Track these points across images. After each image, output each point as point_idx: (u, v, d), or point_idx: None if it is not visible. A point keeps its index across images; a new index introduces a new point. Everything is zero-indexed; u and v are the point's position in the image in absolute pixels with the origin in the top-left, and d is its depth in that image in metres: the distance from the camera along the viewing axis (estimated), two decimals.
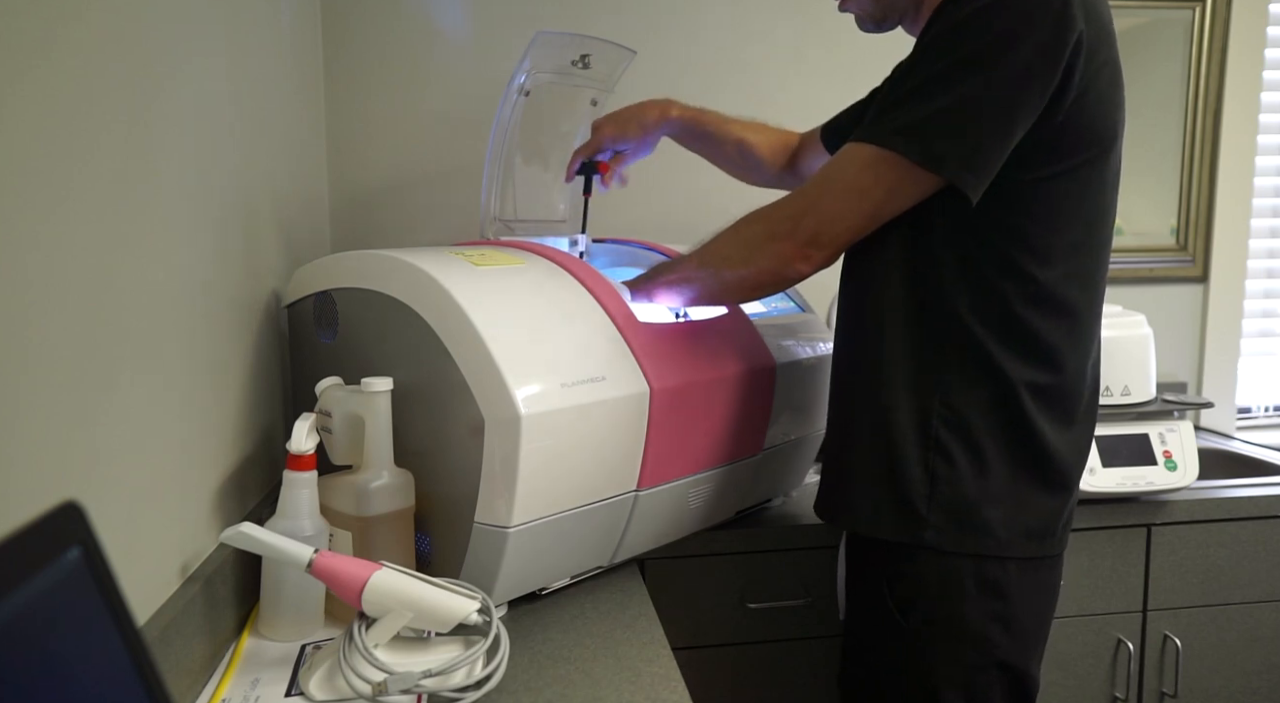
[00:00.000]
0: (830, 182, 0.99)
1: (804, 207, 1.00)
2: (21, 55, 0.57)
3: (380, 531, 0.94)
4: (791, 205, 1.02)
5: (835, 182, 0.99)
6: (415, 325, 0.95)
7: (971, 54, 0.91)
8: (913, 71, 0.96)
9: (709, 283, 1.08)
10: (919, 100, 0.93)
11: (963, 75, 0.91)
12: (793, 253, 1.00)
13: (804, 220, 0.99)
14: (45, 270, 0.60)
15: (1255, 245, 2.10)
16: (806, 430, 1.33)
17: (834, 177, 0.99)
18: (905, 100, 0.94)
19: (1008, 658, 1.01)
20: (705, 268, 1.07)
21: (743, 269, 1.05)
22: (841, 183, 0.98)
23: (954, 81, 0.91)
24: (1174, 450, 1.52)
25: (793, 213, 1.01)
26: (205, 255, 0.92)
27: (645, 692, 0.85)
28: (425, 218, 1.76)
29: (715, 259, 1.07)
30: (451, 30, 1.74)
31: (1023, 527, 1.00)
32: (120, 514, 0.72)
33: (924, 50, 0.96)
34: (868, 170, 0.96)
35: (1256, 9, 2.00)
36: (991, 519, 0.99)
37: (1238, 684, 1.57)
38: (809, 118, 1.42)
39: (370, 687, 0.78)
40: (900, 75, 1.01)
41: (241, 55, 1.09)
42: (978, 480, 0.99)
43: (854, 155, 0.97)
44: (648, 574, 1.30)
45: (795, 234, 0.99)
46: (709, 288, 1.09)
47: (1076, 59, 0.91)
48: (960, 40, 0.92)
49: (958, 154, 0.91)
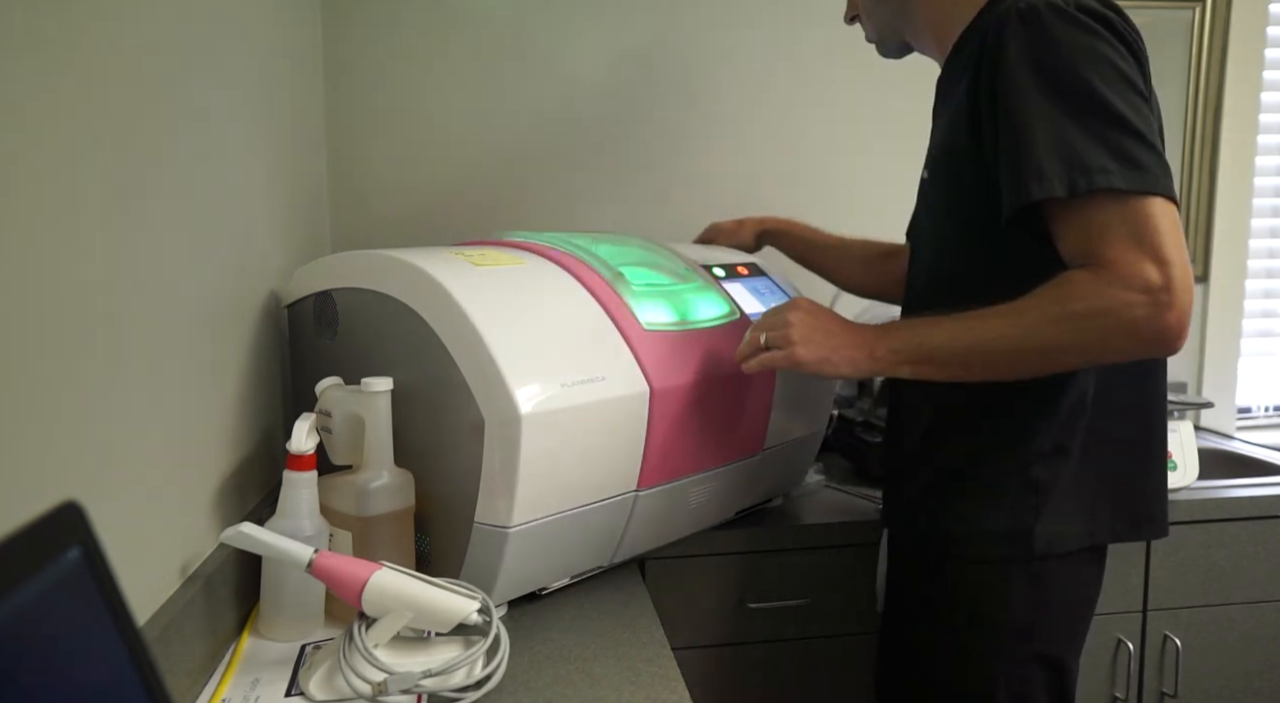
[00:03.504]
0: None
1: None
2: (19, 58, 0.57)
3: (380, 530, 0.94)
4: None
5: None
6: (415, 325, 0.95)
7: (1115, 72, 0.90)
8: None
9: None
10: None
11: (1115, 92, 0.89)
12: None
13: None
14: (45, 270, 0.60)
15: (1255, 245, 2.10)
16: (806, 430, 1.33)
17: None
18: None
19: (1048, 650, 1.03)
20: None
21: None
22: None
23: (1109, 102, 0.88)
24: (1174, 451, 1.52)
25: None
26: (205, 255, 0.92)
27: (645, 692, 0.85)
28: (425, 218, 1.76)
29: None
30: (451, 30, 1.74)
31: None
32: (120, 514, 0.71)
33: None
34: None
35: (1256, 9, 2.00)
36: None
37: (1238, 684, 1.57)
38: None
39: (370, 687, 0.78)
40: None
41: (242, 55, 1.08)
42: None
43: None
44: (648, 574, 1.30)
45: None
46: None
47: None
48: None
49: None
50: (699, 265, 1.25)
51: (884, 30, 1.17)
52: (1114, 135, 0.87)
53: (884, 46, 1.20)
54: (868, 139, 1.87)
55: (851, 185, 1.88)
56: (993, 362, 0.93)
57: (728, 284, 1.26)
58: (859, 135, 1.87)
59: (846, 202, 1.87)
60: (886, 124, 1.87)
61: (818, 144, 1.87)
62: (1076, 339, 0.88)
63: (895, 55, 1.20)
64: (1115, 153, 0.86)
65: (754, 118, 1.84)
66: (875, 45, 1.21)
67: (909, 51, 1.18)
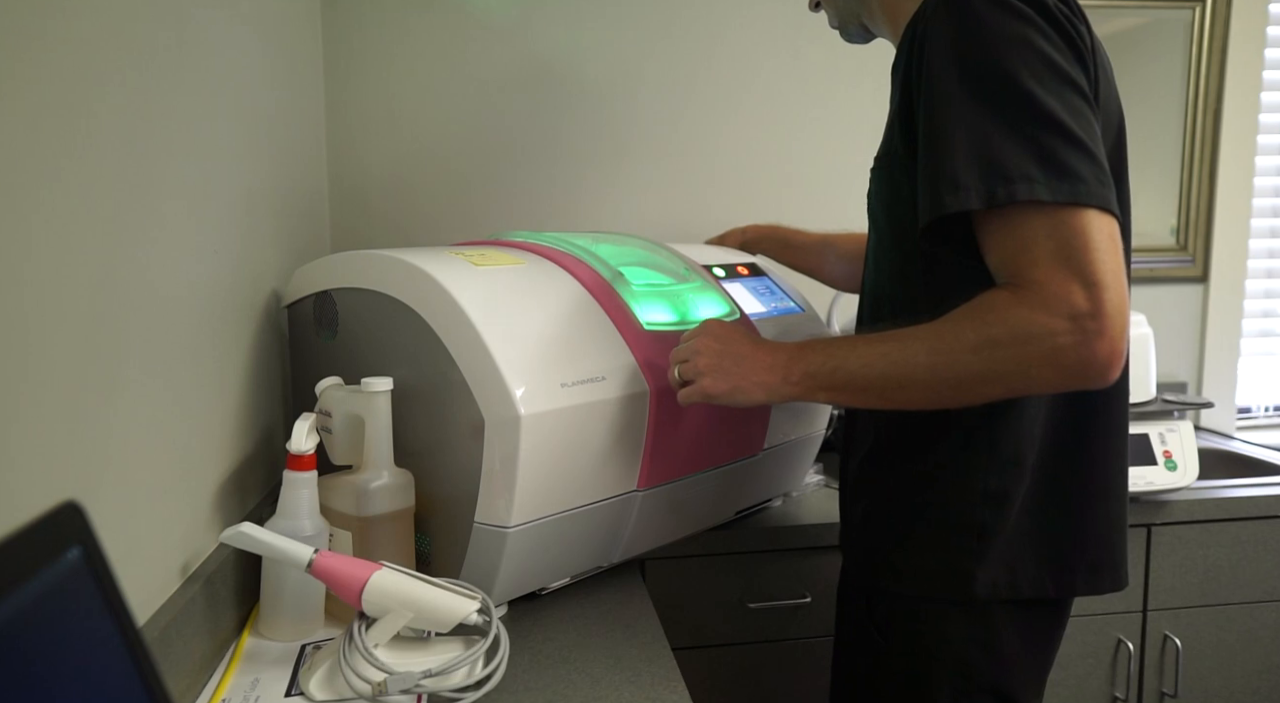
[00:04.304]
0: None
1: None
2: (19, 53, 0.57)
3: (380, 530, 0.94)
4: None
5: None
6: (415, 325, 0.95)
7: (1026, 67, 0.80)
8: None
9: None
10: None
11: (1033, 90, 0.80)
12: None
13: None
14: (45, 270, 0.60)
15: (1255, 245, 2.10)
16: (806, 430, 1.33)
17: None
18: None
19: (999, 686, 0.94)
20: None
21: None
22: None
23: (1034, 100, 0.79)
24: (1174, 450, 1.52)
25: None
26: (205, 255, 0.92)
27: (645, 692, 0.85)
28: (425, 218, 1.76)
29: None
30: (451, 29, 1.74)
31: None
32: (120, 514, 0.72)
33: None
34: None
35: (1256, 9, 2.00)
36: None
37: (1238, 684, 1.57)
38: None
39: (370, 687, 0.78)
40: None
41: (241, 54, 1.09)
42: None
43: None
44: (648, 574, 1.30)
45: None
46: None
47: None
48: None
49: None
50: (699, 265, 1.25)
51: (845, 14, 1.11)
52: (1043, 137, 0.77)
53: (846, 31, 1.14)
54: (865, 138, 1.87)
55: (846, 184, 1.87)
56: (908, 391, 0.84)
57: (728, 284, 1.26)
58: (857, 135, 1.87)
59: (842, 199, 1.86)
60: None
61: (818, 144, 1.87)
62: (995, 367, 0.79)
63: (859, 40, 1.15)
64: (1042, 158, 0.77)
65: (755, 117, 1.85)
66: (839, 31, 1.15)
67: (873, 36, 1.13)
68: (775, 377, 0.90)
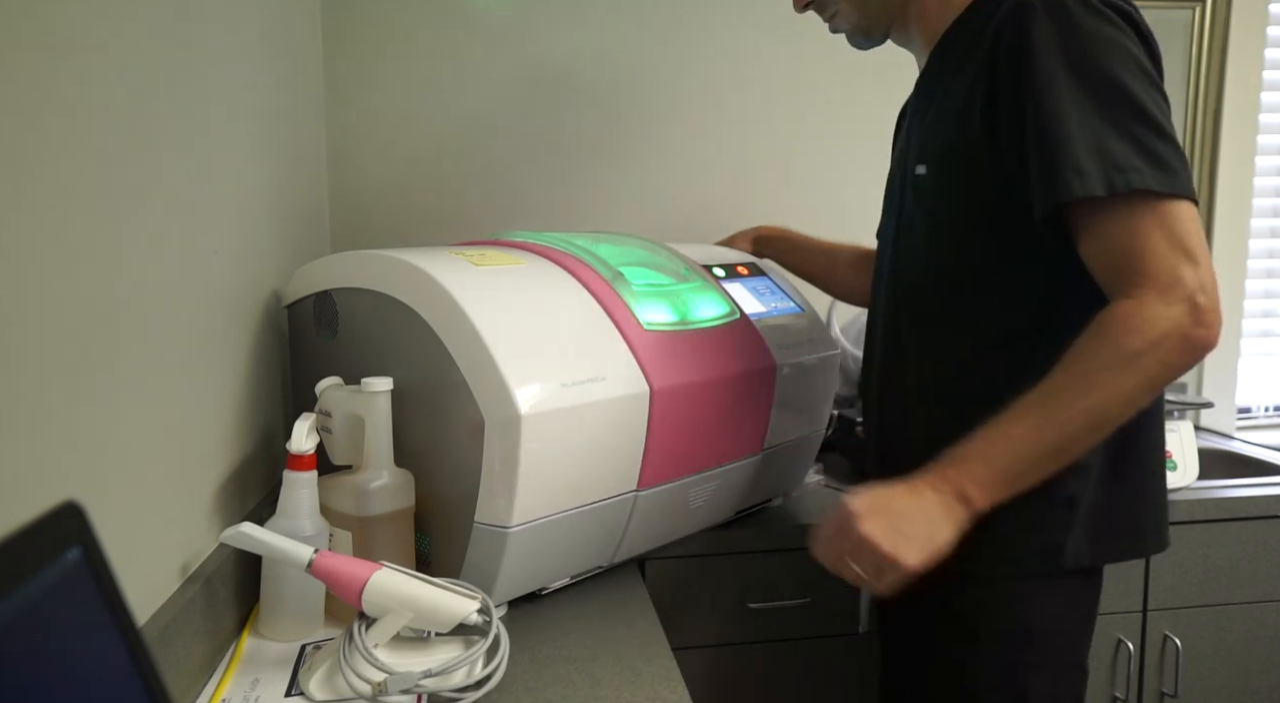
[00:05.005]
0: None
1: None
2: (24, 57, 0.57)
3: (380, 530, 0.94)
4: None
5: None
6: (415, 325, 0.95)
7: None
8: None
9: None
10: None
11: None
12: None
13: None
14: (45, 270, 0.60)
15: (1255, 245, 2.10)
16: (806, 430, 1.33)
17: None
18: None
19: (1077, 658, 1.00)
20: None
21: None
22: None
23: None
24: (1174, 450, 1.52)
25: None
26: (205, 255, 0.92)
27: (645, 692, 0.85)
28: (425, 218, 1.76)
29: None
30: (451, 30, 1.74)
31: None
32: (120, 514, 0.72)
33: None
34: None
35: (1256, 9, 2.00)
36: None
37: (1238, 684, 1.57)
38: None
39: (370, 687, 0.78)
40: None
41: (242, 56, 1.09)
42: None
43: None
44: (648, 574, 1.30)
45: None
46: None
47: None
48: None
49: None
50: (699, 265, 1.25)
51: (871, 19, 1.10)
52: (1143, 133, 0.85)
53: (857, 37, 1.14)
54: (863, 139, 1.87)
55: (845, 184, 1.88)
56: (1080, 442, 0.87)
57: (728, 284, 1.26)
58: (855, 135, 1.87)
59: (841, 200, 1.87)
60: (883, 123, 1.86)
61: (817, 144, 1.87)
62: (1143, 376, 0.83)
63: (866, 46, 1.15)
64: (1145, 152, 0.85)
65: (755, 118, 1.84)
66: (846, 35, 1.15)
67: (881, 43, 1.14)
68: (958, 510, 0.88)
